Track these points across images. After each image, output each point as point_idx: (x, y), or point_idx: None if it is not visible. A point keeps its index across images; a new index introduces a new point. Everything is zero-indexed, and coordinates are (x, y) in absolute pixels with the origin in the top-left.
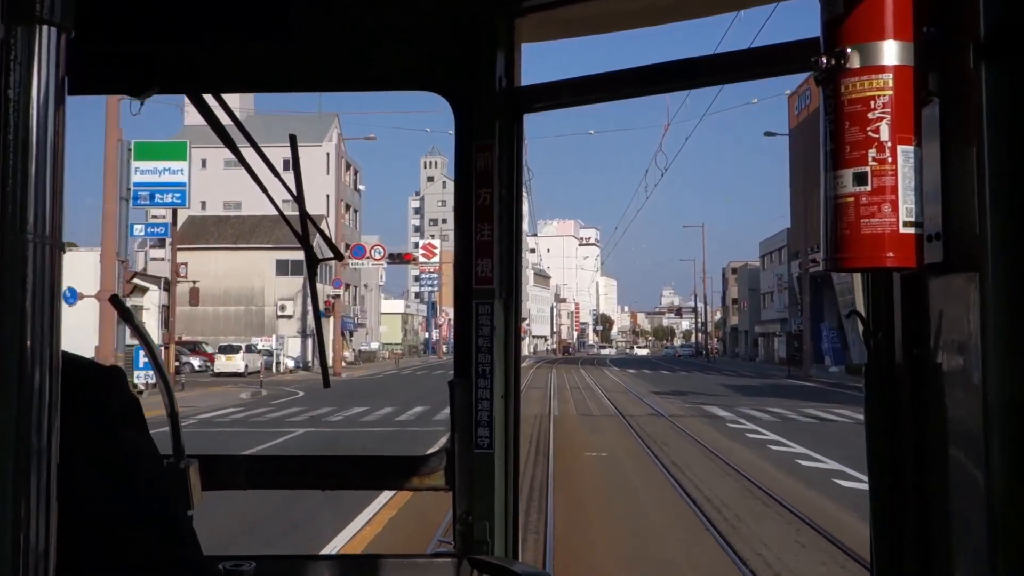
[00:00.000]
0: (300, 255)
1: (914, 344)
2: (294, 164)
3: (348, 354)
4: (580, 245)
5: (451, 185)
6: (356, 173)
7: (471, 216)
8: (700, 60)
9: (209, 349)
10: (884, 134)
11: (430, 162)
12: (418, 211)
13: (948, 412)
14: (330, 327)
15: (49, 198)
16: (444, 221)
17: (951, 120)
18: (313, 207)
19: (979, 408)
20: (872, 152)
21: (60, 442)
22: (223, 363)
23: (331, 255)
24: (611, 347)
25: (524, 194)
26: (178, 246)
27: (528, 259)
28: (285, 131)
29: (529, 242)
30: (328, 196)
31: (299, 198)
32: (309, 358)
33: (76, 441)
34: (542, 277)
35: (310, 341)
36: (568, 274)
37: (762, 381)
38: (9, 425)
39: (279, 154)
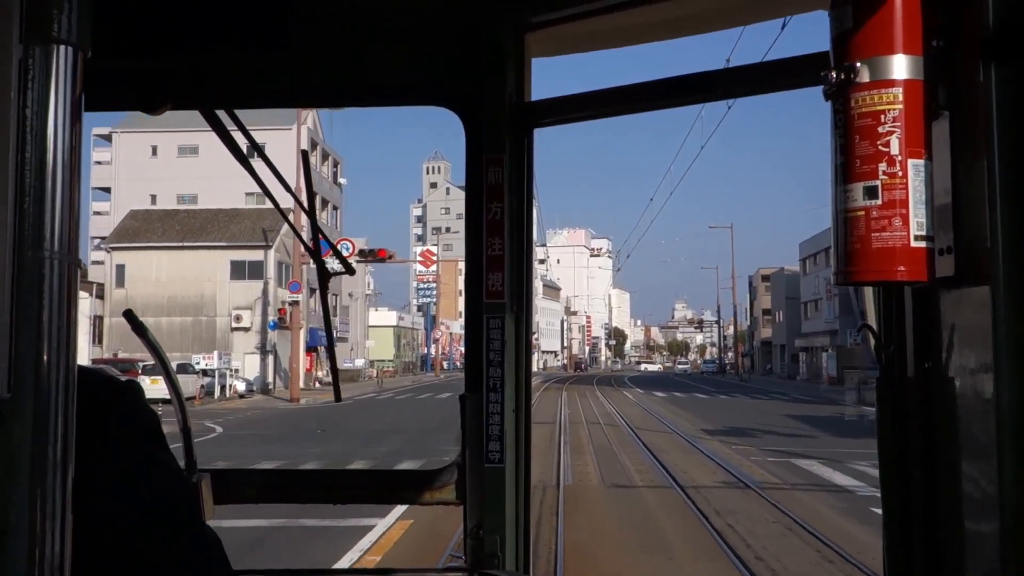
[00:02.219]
0: (259, 255)
1: (926, 357)
2: (306, 178)
3: (323, 374)
4: (592, 256)
5: (455, 192)
6: (337, 165)
7: (481, 230)
8: (710, 74)
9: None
10: (894, 148)
11: (433, 167)
12: (420, 219)
13: (960, 425)
14: (287, 341)
15: (66, 216)
16: (448, 230)
17: (961, 133)
18: (280, 200)
19: (991, 421)
20: (882, 166)
21: (87, 456)
22: (147, 387)
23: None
24: (652, 362)
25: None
26: (113, 245)
27: (536, 270)
28: (254, 110)
29: (538, 252)
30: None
31: (311, 212)
32: (270, 379)
33: (103, 455)
34: (552, 289)
35: (271, 359)
36: (579, 286)
37: (834, 409)
38: (25, 438)
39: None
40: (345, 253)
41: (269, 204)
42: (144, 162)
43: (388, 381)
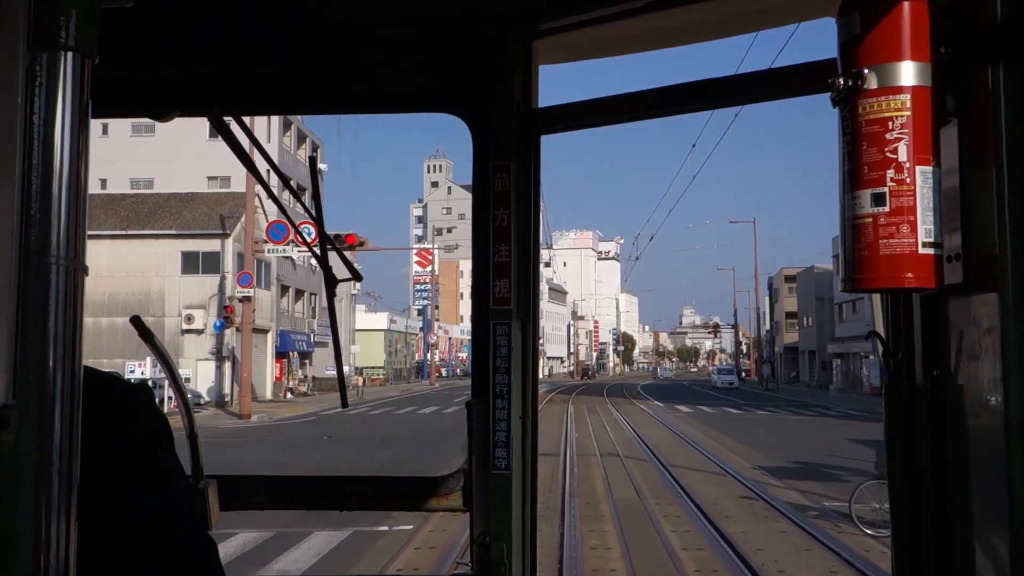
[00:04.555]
0: (215, 245)
1: (934, 365)
2: (313, 184)
3: (294, 383)
4: (600, 259)
5: (457, 191)
6: (317, 149)
7: (488, 237)
8: (718, 81)
9: None
10: (902, 155)
11: (434, 166)
12: (421, 219)
13: (968, 432)
14: (239, 343)
15: (72, 221)
16: (449, 230)
17: (969, 140)
18: (243, 185)
19: (1000, 428)
20: (890, 173)
21: (96, 458)
22: None
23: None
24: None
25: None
26: None
27: (542, 273)
28: None
29: (543, 255)
30: (268, 172)
31: (318, 218)
32: (227, 389)
33: (112, 458)
34: (558, 292)
35: (228, 366)
36: (586, 289)
37: None
38: (30, 444)
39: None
40: (307, 239)
41: (230, 188)
42: (94, 143)
43: (374, 391)
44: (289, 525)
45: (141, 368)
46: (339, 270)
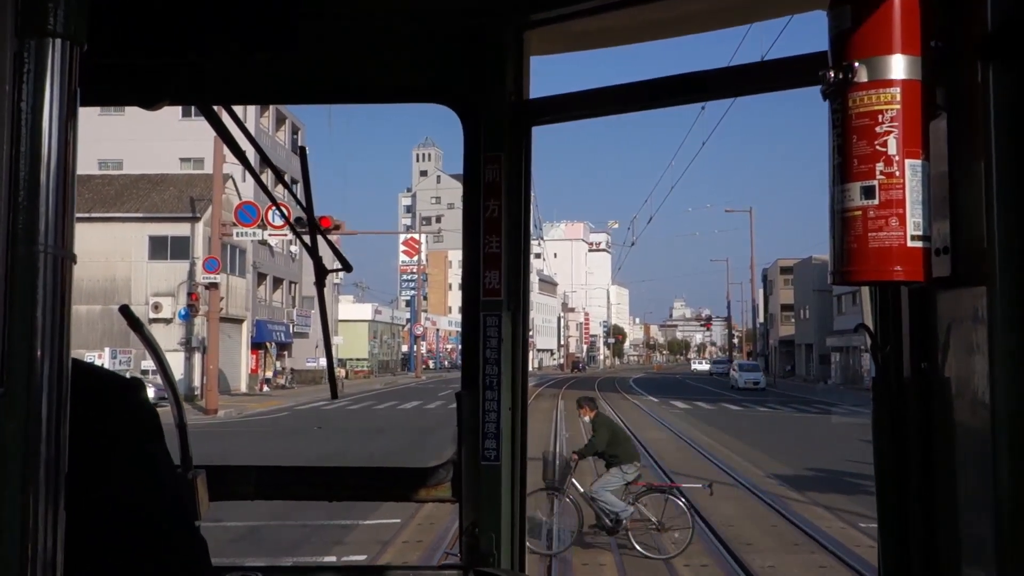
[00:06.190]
0: (185, 229)
1: (922, 358)
2: (303, 175)
3: (270, 374)
4: (591, 251)
5: (446, 180)
6: (297, 132)
7: (479, 228)
8: (709, 73)
9: None
10: (892, 148)
11: (423, 154)
12: (409, 209)
13: (956, 425)
14: (224, 335)
15: (60, 209)
16: (438, 219)
17: (959, 134)
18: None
19: (987, 421)
20: (880, 166)
21: (88, 451)
22: None
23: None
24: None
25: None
26: None
27: (533, 264)
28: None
29: (534, 246)
30: (246, 152)
31: (308, 209)
32: (196, 382)
33: (104, 451)
34: (549, 284)
35: (197, 357)
36: (577, 281)
37: None
38: (18, 434)
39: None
40: (279, 223)
41: (204, 170)
42: None
43: (357, 384)
44: (217, 554)
45: (100, 359)
46: (329, 261)
